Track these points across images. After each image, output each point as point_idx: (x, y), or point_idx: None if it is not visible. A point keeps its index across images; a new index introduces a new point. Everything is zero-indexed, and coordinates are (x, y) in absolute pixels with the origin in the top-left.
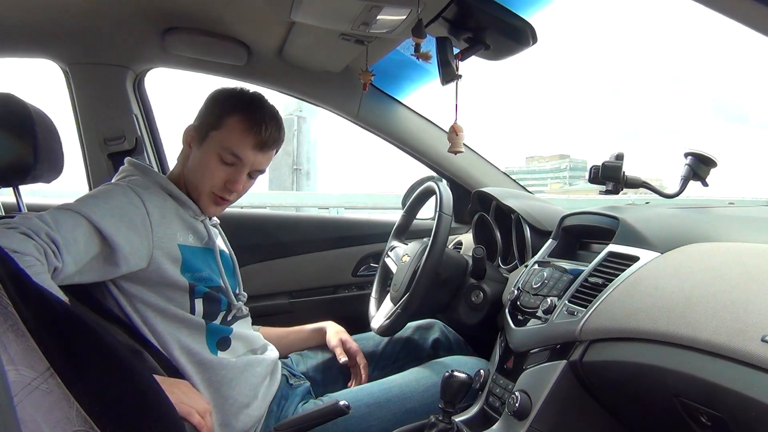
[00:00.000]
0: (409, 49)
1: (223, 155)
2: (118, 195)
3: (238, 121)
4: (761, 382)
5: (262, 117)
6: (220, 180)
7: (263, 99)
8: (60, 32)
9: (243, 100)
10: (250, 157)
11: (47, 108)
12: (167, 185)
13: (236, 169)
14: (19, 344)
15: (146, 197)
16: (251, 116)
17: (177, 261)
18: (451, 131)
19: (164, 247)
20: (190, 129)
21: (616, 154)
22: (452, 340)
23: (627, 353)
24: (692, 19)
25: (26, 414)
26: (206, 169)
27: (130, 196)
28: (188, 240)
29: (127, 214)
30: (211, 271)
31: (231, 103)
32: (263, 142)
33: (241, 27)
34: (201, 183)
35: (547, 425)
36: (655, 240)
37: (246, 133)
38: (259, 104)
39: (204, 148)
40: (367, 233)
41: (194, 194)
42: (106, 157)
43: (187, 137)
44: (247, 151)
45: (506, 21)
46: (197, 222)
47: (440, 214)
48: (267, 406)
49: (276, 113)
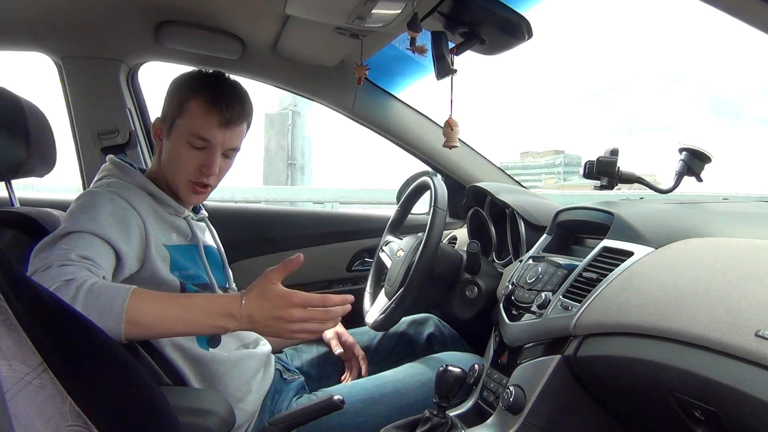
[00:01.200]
0: (404, 44)
1: (191, 141)
2: (105, 202)
3: (199, 103)
4: (755, 377)
5: (221, 94)
6: (193, 166)
7: (221, 76)
8: (53, 25)
9: (199, 81)
10: (219, 137)
11: (39, 102)
12: (147, 184)
13: (207, 152)
14: (11, 339)
15: (131, 199)
16: (210, 96)
17: (166, 260)
18: (446, 126)
19: (154, 247)
20: (157, 122)
21: (611, 149)
22: (447, 335)
23: (621, 348)
24: (687, 15)
25: (19, 409)
26: (178, 158)
27: (116, 200)
28: (171, 239)
29: (122, 219)
30: (197, 268)
31: (188, 87)
32: (228, 120)
33: (235, 20)
34: (176, 174)
35: (541, 419)
36: (650, 235)
37: (208, 113)
38: (217, 82)
39: (172, 138)
40: (362, 228)
41: (173, 187)
42: (99, 151)
43: (156, 131)
44: (214, 130)
45: (501, 15)
46: (179, 219)
47: (435, 209)
48: (261, 400)
49: (237, 87)
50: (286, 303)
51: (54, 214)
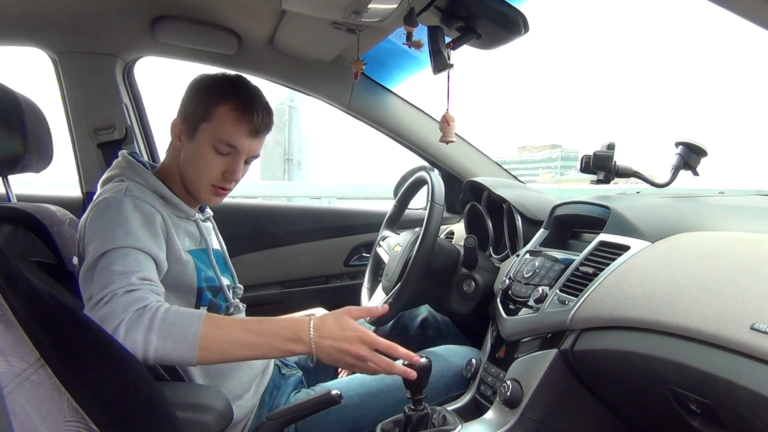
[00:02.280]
0: (400, 38)
1: (218, 146)
2: (133, 212)
3: (228, 110)
4: (750, 370)
5: (252, 103)
6: (218, 171)
7: (248, 83)
8: (48, 20)
9: (228, 87)
10: (246, 145)
11: (35, 97)
12: (160, 188)
13: (233, 158)
14: (9, 335)
15: (153, 203)
16: (241, 104)
17: (188, 263)
18: (443, 121)
19: (177, 249)
20: (178, 122)
21: (607, 143)
22: (440, 321)
23: (617, 342)
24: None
25: (17, 405)
26: (202, 162)
27: (141, 207)
28: (185, 244)
29: (152, 225)
30: (209, 271)
31: (217, 92)
32: (257, 129)
33: (231, 15)
34: (199, 177)
35: (538, 413)
36: (646, 229)
37: (239, 122)
38: (246, 90)
39: (196, 141)
40: (359, 223)
41: (193, 189)
42: (95, 146)
43: (176, 131)
44: (242, 139)
45: (498, 10)
46: (189, 223)
47: (432, 204)
48: (259, 396)
49: (262, 96)
50: (356, 338)
51: (51, 209)
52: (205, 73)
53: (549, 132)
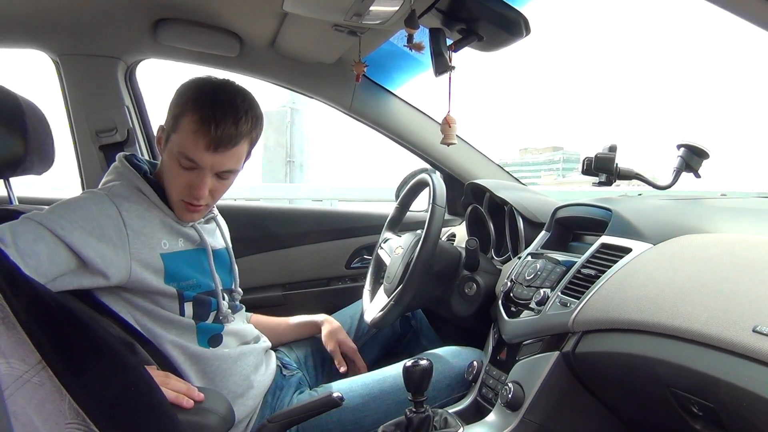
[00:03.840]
0: (402, 40)
1: (180, 160)
2: (90, 206)
3: (189, 122)
4: (752, 373)
5: (213, 113)
6: (182, 186)
7: (218, 90)
8: (51, 23)
9: (195, 95)
10: (207, 160)
11: (37, 99)
12: (150, 195)
13: (196, 173)
14: (10, 337)
15: (125, 207)
16: (201, 114)
17: (159, 272)
18: (444, 123)
19: (143, 259)
20: (159, 130)
21: (609, 145)
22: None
23: (619, 344)
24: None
25: (18, 407)
26: (170, 175)
27: (106, 206)
28: (178, 245)
29: (99, 227)
30: (203, 274)
31: (184, 101)
32: (216, 142)
33: (233, 18)
34: (169, 190)
35: (540, 416)
36: (648, 231)
37: (196, 134)
38: (211, 98)
39: (167, 152)
40: (361, 225)
41: (169, 201)
42: (97, 148)
43: (158, 139)
44: (201, 153)
45: (499, 12)
46: (185, 225)
47: (433, 206)
48: (262, 396)
49: (233, 104)
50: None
51: None
52: (190, 79)
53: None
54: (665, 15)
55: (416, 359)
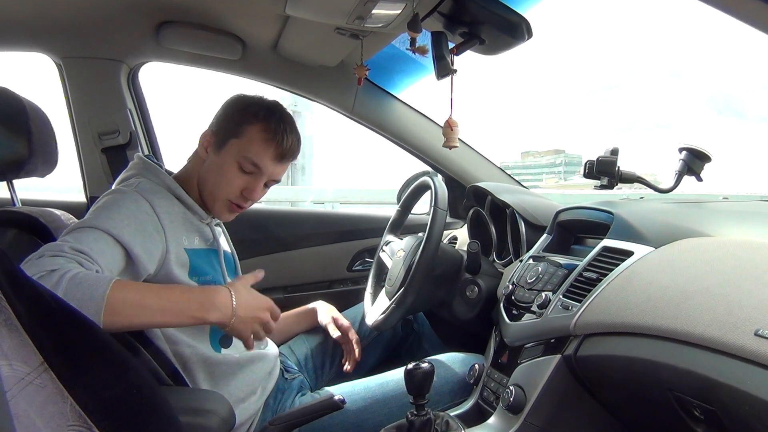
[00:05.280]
0: (404, 44)
1: (243, 164)
2: (128, 203)
3: (259, 131)
4: (754, 376)
5: (284, 128)
6: (237, 188)
7: (283, 109)
8: (54, 26)
9: (264, 109)
10: (270, 168)
11: (40, 102)
12: (176, 189)
13: (254, 177)
14: (12, 339)
15: (155, 202)
16: (273, 126)
17: (185, 266)
18: (446, 126)
19: (174, 251)
20: (207, 134)
21: (611, 149)
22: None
23: (621, 347)
24: (687, 13)
25: (20, 409)
26: (224, 176)
27: (140, 202)
28: (194, 242)
29: (141, 223)
30: (216, 272)
31: (252, 112)
32: (283, 153)
33: (236, 21)
34: (217, 190)
35: (542, 419)
36: (650, 235)
37: (267, 143)
38: (280, 114)
39: (222, 155)
40: (363, 228)
41: (209, 200)
42: (100, 151)
43: (204, 142)
44: (267, 161)
45: (501, 15)
46: (203, 225)
47: (435, 209)
48: (264, 401)
49: (294, 124)
50: (266, 305)
51: (56, 214)
52: (244, 93)
53: (553, 137)
54: (667, 17)
55: (418, 362)
